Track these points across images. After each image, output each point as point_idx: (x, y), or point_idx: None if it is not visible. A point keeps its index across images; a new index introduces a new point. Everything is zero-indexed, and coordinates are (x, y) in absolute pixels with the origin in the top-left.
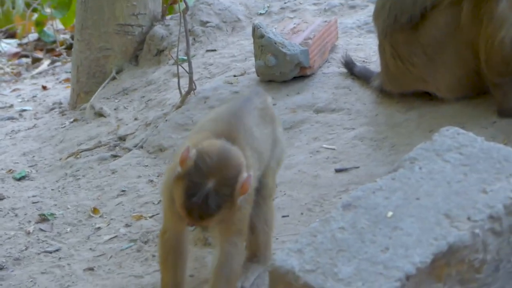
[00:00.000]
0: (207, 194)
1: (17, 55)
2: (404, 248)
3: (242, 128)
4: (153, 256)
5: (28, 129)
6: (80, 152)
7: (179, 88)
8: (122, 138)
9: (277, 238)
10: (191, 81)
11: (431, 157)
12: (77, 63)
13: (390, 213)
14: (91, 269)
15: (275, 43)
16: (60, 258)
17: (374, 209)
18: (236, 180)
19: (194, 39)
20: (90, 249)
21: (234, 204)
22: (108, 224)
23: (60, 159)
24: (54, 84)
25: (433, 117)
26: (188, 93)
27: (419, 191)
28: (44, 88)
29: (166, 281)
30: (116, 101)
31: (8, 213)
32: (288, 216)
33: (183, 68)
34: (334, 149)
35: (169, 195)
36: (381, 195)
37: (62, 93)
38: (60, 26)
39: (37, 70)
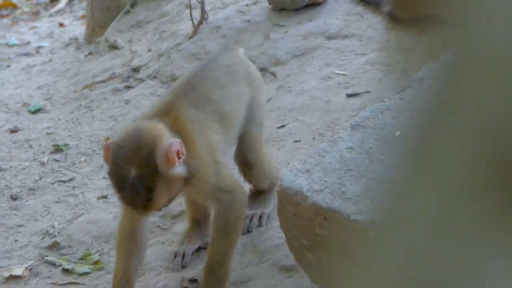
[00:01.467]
0: (132, 185)
1: None
2: None
3: (187, 98)
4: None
5: (44, 63)
6: (95, 84)
7: (191, 19)
8: (136, 69)
9: (288, 163)
10: (203, 11)
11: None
12: None
13: (398, 132)
14: (105, 197)
15: None
16: (74, 187)
17: (382, 128)
18: (153, 157)
19: None
20: (104, 177)
21: (167, 178)
22: None
23: (75, 91)
24: (71, 21)
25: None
26: (200, 23)
27: None
28: (61, 25)
29: (117, 269)
30: (130, 33)
31: (22, 144)
32: (299, 141)
33: None
34: (345, 74)
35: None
36: (389, 115)
37: (79, 29)
38: None
39: (54, 9)
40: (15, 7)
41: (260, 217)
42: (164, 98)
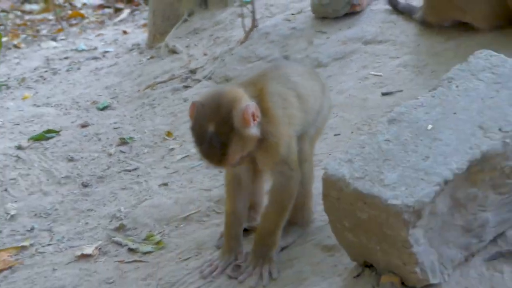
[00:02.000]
0: (210, 138)
1: (101, 7)
2: (443, 157)
3: (273, 74)
4: (220, 172)
5: (110, 66)
6: (156, 84)
7: (243, 26)
8: (193, 71)
9: (330, 154)
10: (253, 19)
11: (467, 77)
12: (153, 7)
13: (430, 126)
14: (165, 184)
15: None
16: (138, 175)
17: (416, 122)
18: (231, 114)
19: None
20: (165, 167)
21: (242, 136)
22: (181, 145)
23: (138, 90)
24: (133, 29)
25: (469, 45)
26: (251, 30)
27: (456, 107)
28: (125, 32)
29: (227, 208)
30: (188, 39)
31: (92, 137)
32: (339, 134)
33: (247, 8)
34: (380, 75)
35: None
36: (422, 111)
37: (140, 36)
38: None
39: (118, 18)
40: (83, 17)
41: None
42: (249, 76)
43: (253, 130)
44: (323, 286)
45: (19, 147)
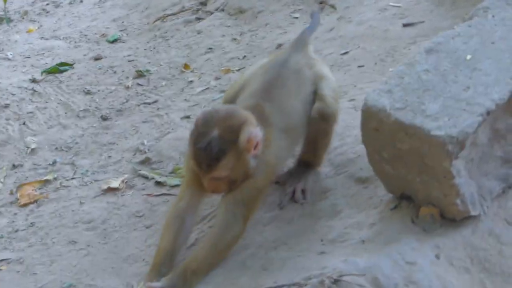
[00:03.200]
0: (210, 140)
1: None
2: (483, 87)
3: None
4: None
5: None
6: (166, 16)
7: None
8: (204, 3)
9: (355, 86)
10: None
11: (502, 6)
12: None
13: (469, 56)
14: (188, 117)
15: None
16: (158, 108)
17: (454, 52)
18: (240, 128)
19: None
20: (185, 99)
21: (240, 155)
22: (200, 78)
23: (148, 23)
24: None
25: None
26: None
27: (494, 36)
28: None
29: (161, 245)
30: None
31: (107, 70)
32: (363, 66)
33: None
34: (400, 6)
35: (188, 163)
36: (459, 41)
37: None
38: None
39: None
40: None
41: (303, 191)
42: (245, 101)
43: (251, 158)
44: (359, 219)
45: (33, 80)
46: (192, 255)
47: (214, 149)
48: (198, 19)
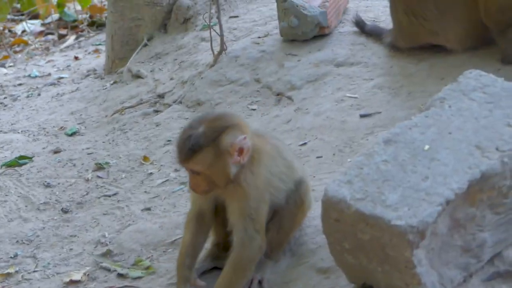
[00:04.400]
0: (193, 134)
1: (42, 33)
2: (442, 177)
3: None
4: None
5: (72, 92)
6: (124, 109)
7: (211, 49)
8: (161, 96)
9: (314, 176)
10: (222, 41)
11: (459, 97)
12: (111, 32)
13: (427, 146)
14: (148, 209)
15: (297, 6)
16: (118, 200)
17: (412, 143)
18: (225, 129)
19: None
20: (145, 192)
21: (220, 156)
22: (159, 170)
23: (106, 116)
24: (84, 55)
25: (442, 67)
26: (220, 52)
27: (451, 126)
28: (76, 58)
29: (184, 240)
30: (151, 64)
31: (67, 163)
32: (321, 157)
33: (215, 31)
34: (356, 97)
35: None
36: (417, 131)
37: (94, 61)
38: (78, 7)
39: (65, 44)
40: (26, 43)
41: (260, 282)
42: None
43: (231, 164)
44: None
45: None
46: (218, 281)
47: (193, 141)
48: (156, 111)
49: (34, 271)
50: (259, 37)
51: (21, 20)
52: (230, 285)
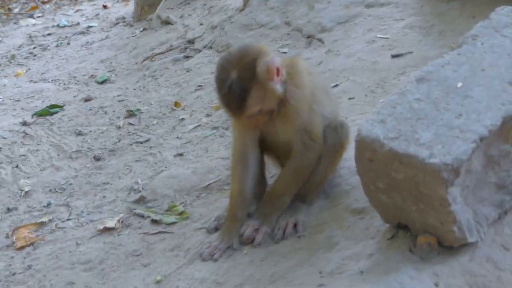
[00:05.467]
0: (231, 83)
1: None
2: (476, 114)
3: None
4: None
5: (101, 40)
6: (154, 55)
7: None
8: (191, 41)
9: (346, 118)
10: None
11: (491, 33)
12: None
13: (459, 84)
14: (181, 154)
15: None
16: (151, 147)
17: (445, 81)
18: (254, 64)
19: None
20: (177, 137)
21: (263, 87)
22: (191, 115)
23: (136, 63)
24: (113, 3)
25: (473, 5)
26: None
27: (484, 63)
28: (105, 7)
29: (233, 189)
30: (180, 10)
31: (98, 111)
32: (354, 98)
33: None
34: (387, 37)
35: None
36: (449, 69)
37: (123, 9)
38: None
39: None
40: None
41: (295, 225)
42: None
43: (276, 85)
44: (357, 250)
45: (24, 123)
46: (273, 185)
47: (236, 91)
48: (186, 57)
49: (68, 219)
50: None
51: None
52: (287, 190)
